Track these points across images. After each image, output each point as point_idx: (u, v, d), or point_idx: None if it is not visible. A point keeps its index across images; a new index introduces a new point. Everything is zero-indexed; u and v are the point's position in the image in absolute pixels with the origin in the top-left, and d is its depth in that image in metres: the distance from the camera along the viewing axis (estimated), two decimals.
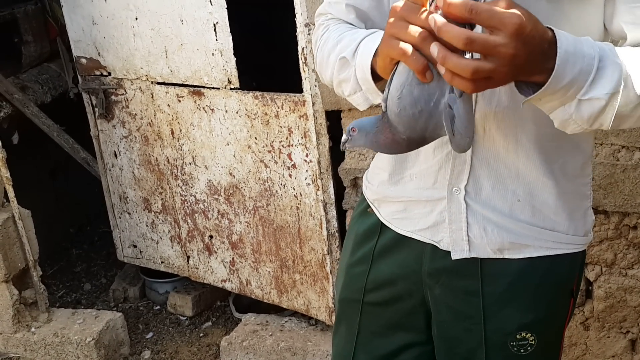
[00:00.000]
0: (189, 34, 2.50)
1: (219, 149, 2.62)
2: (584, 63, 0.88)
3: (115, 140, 2.91)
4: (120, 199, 3.03)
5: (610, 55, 0.90)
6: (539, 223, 1.11)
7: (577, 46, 0.88)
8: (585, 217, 1.16)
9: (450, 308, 1.19)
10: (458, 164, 1.10)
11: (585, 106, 0.90)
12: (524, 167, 1.08)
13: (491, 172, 1.09)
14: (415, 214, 1.18)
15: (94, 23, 2.72)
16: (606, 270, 2.10)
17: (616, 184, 1.98)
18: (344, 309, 1.34)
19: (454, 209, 1.12)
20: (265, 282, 2.75)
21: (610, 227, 2.04)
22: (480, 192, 1.10)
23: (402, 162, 1.17)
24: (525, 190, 1.09)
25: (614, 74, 0.89)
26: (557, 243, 1.13)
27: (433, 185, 1.13)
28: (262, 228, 2.65)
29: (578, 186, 1.14)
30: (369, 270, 1.26)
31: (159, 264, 3.06)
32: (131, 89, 2.76)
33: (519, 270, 1.13)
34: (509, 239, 1.11)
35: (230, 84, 2.49)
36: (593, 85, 0.89)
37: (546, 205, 1.10)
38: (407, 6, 0.88)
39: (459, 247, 1.14)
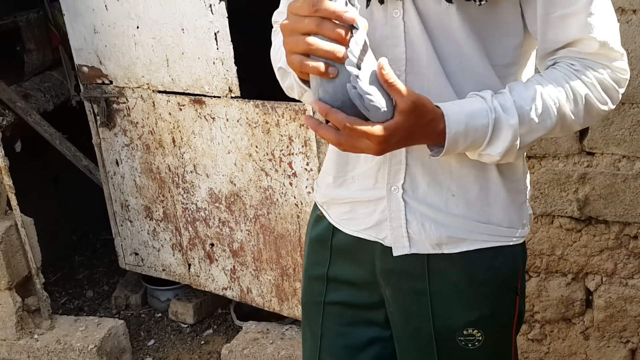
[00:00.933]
0: (190, 43, 2.51)
1: (220, 158, 2.64)
2: (477, 135, 1.01)
3: (117, 148, 2.92)
4: (122, 206, 3.05)
5: (505, 117, 1.01)
6: (474, 216, 1.16)
7: (469, 123, 1.00)
8: (520, 211, 1.20)
9: (401, 308, 1.24)
10: (394, 163, 1.15)
11: (484, 157, 1.06)
12: (456, 163, 1.13)
13: (426, 170, 1.14)
14: (360, 214, 1.22)
15: (96, 32, 2.73)
16: (606, 280, 2.10)
17: (617, 194, 1.99)
18: (308, 313, 1.38)
19: (393, 207, 1.17)
20: (266, 290, 2.76)
21: (610, 237, 2.04)
22: (417, 190, 1.16)
23: (344, 164, 1.22)
24: (458, 185, 1.14)
25: (508, 136, 1.02)
26: (492, 236, 1.17)
27: (374, 186, 1.18)
28: (263, 236, 2.66)
29: (511, 182, 1.18)
30: (327, 272, 1.30)
31: (161, 271, 3.07)
32: (132, 98, 2.78)
33: (463, 270, 1.18)
34: (445, 233, 1.16)
35: (231, 93, 2.50)
36: (488, 146, 1.03)
37: (480, 199, 1.15)
38: (292, 18, 0.95)
39: (400, 244, 1.19)
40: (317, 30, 0.91)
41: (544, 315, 2.21)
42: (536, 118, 1.02)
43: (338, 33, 0.91)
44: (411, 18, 1.04)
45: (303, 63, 0.93)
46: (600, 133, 1.96)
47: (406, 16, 1.05)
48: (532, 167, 2.06)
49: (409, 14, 1.04)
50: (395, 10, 1.05)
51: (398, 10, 1.05)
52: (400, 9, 1.04)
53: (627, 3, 1.81)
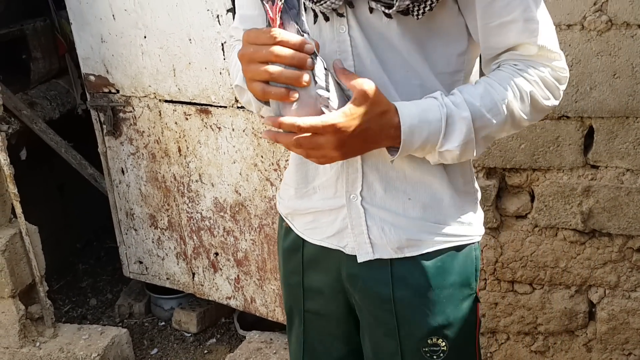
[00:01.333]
0: (197, 53, 2.55)
1: (225, 167, 2.67)
2: (431, 128, 1.07)
3: (123, 157, 2.96)
4: (127, 215, 3.08)
5: (457, 111, 1.07)
6: (430, 218, 1.20)
7: (422, 116, 1.07)
8: (473, 212, 1.26)
9: (370, 312, 1.28)
10: (351, 172, 1.20)
11: (445, 154, 1.10)
12: (410, 169, 1.18)
13: (381, 176, 1.19)
14: (322, 223, 1.27)
15: (103, 41, 2.78)
16: (609, 292, 2.12)
17: (620, 207, 2.02)
18: (291, 317, 1.43)
19: (353, 214, 1.22)
20: (269, 299, 2.78)
21: (614, 250, 2.07)
22: (375, 196, 1.20)
23: (304, 176, 1.27)
24: (413, 189, 1.19)
25: (462, 128, 1.08)
26: (449, 236, 1.22)
27: (334, 195, 1.23)
28: (267, 246, 2.69)
29: (461, 184, 1.23)
30: (302, 280, 1.35)
31: (165, 280, 3.10)
32: (139, 107, 2.82)
33: (424, 273, 1.22)
34: (405, 235, 1.20)
35: (237, 103, 2.54)
36: (445, 141, 1.08)
37: (434, 200, 1.20)
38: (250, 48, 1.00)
39: (364, 250, 1.23)
40: (275, 59, 0.97)
41: (547, 327, 2.24)
42: (487, 113, 1.08)
43: (299, 60, 0.98)
44: (356, 33, 1.11)
45: (265, 90, 1.00)
46: (604, 146, 1.99)
47: (351, 31, 1.11)
48: (536, 180, 2.09)
49: (354, 30, 1.11)
50: (342, 26, 1.11)
51: (344, 27, 1.11)
52: (345, 25, 1.11)
53: (632, 18, 1.84)
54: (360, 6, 1.09)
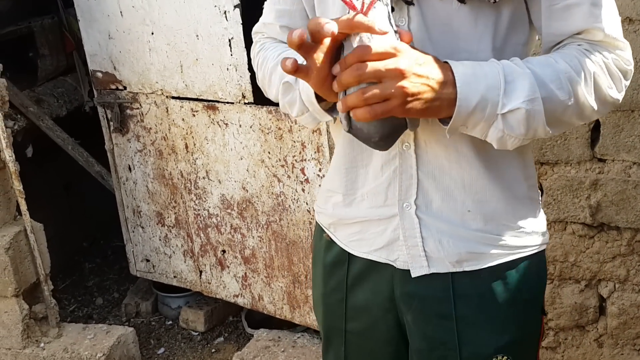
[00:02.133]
0: (204, 49, 2.60)
1: (233, 164, 2.72)
2: (488, 80, 0.98)
3: (130, 154, 3.01)
4: (134, 212, 3.13)
5: (516, 67, 1.00)
6: (492, 230, 1.14)
7: (476, 68, 0.98)
8: (538, 218, 1.20)
9: (424, 335, 1.21)
10: (405, 179, 1.14)
11: (510, 119, 0.99)
12: (469, 177, 1.12)
13: (438, 185, 1.13)
14: (370, 234, 1.20)
15: (110, 37, 2.83)
16: (619, 286, 2.15)
17: (628, 200, 2.05)
18: (329, 336, 1.36)
19: (407, 224, 1.15)
20: (277, 297, 2.82)
21: (622, 244, 2.10)
22: (431, 205, 1.14)
23: (353, 181, 1.21)
24: (474, 200, 1.13)
25: (524, 82, 0.98)
26: (513, 247, 1.16)
27: (384, 203, 1.17)
28: (275, 243, 2.73)
29: (525, 189, 1.17)
30: (345, 298, 1.28)
31: (172, 278, 3.15)
32: (146, 103, 2.87)
33: (489, 289, 1.16)
34: (465, 249, 1.14)
35: (244, 99, 2.59)
36: (506, 97, 0.98)
37: (497, 212, 1.14)
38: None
39: (418, 264, 1.16)
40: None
41: (557, 322, 2.27)
42: (550, 83, 1.00)
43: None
44: (415, 26, 1.06)
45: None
46: (610, 140, 2.02)
47: (411, 24, 1.06)
48: (544, 174, 2.12)
49: (414, 22, 1.06)
50: (401, 18, 1.06)
51: (404, 19, 1.06)
52: (405, 17, 1.06)
53: (635, 13, 1.88)
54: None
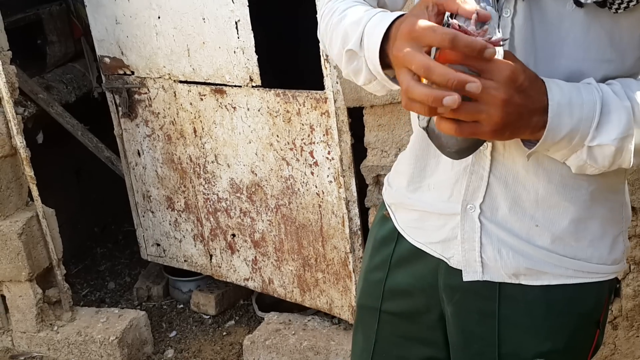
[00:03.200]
0: (211, 32, 2.52)
1: (241, 147, 2.64)
2: (584, 111, 0.87)
3: (139, 139, 2.94)
4: (144, 197, 3.07)
5: (616, 98, 0.89)
6: (559, 250, 1.05)
7: (573, 95, 0.88)
8: (614, 244, 1.08)
9: (463, 330, 1.15)
10: (474, 179, 1.05)
11: (596, 152, 0.90)
12: (544, 190, 1.02)
13: (509, 193, 1.04)
14: (428, 225, 1.14)
15: (117, 22, 2.75)
16: (634, 268, 2.07)
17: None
18: (362, 315, 1.30)
19: (467, 227, 1.07)
20: (287, 280, 2.76)
21: (638, 224, 2.01)
22: (497, 212, 1.05)
23: (421, 169, 1.13)
24: (544, 216, 1.03)
25: (621, 116, 0.88)
26: (578, 272, 1.06)
27: (448, 199, 1.09)
28: (285, 226, 2.66)
29: (608, 211, 1.06)
30: (386, 277, 1.23)
31: (182, 262, 3.09)
32: (154, 88, 2.79)
33: (540, 296, 1.08)
34: (525, 264, 1.05)
35: (252, 82, 2.51)
36: (598, 131, 0.88)
37: (567, 232, 1.04)
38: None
39: (472, 269, 1.09)
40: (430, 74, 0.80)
41: None
42: None
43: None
44: (520, 21, 0.95)
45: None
46: None
47: (516, 18, 0.95)
48: None
49: (519, 17, 0.95)
50: (507, 9, 0.95)
51: (509, 10, 0.95)
52: (511, 9, 0.95)
53: None
54: None
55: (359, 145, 2.36)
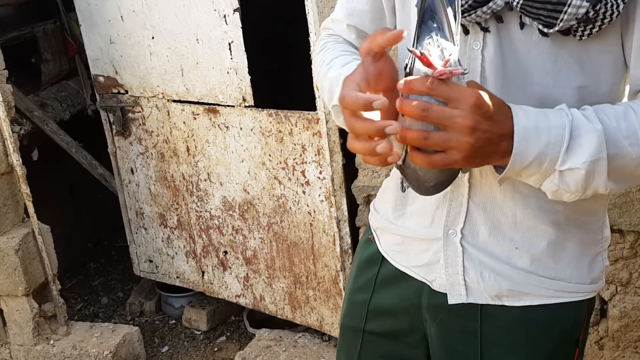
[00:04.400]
0: (205, 53, 2.49)
1: (234, 166, 2.61)
2: (551, 135, 0.85)
3: (132, 156, 2.90)
4: (137, 214, 3.03)
5: (586, 122, 0.86)
6: (539, 271, 1.04)
7: (540, 119, 0.85)
8: (592, 264, 1.07)
9: (446, 348, 1.14)
10: (454, 206, 1.05)
11: (568, 176, 0.87)
12: (522, 214, 1.01)
13: (488, 217, 1.03)
14: (411, 250, 1.13)
15: (112, 42, 2.72)
16: (621, 289, 2.05)
17: (632, 203, 1.94)
18: (345, 336, 1.29)
19: (449, 251, 1.07)
20: (278, 297, 2.72)
21: (625, 247, 1.99)
22: (477, 237, 1.05)
23: (403, 197, 1.13)
24: (523, 239, 1.03)
25: (592, 139, 0.85)
26: (558, 292, 1.05)
27: (430, 225, 1.09)
28: (276, 244, 2.63)
29: (586, 233, 1.06)
30: (370, 298, 1.22)
31: (175, 278, 3.05)
32: (148, 107, 2.76)
33: (520, 316, 1.07)
34: (506, 285, 1.05)
35: (245, 102, 2.48)
36: (568, 155, 0.85)
37: (546, 253, 1.03)
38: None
39: (456, 291, 1.09)
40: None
41: None
42: (624, 139, 0.86)
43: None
44: (490, 53, 0.95)
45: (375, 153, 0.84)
46: None
47: (485, 50, 0.95)
48: None
49: (488, 48, 0.95)
50: (476, 42, 0.96)
51: (478, 43, 0.96)
52: (480, 42, 0.96)
53: None
54: (510, 21, 0.93)
55: (350, 164, 2.33)
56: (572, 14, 0.87)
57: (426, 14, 0.82)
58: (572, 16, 0.87)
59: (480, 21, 0.94)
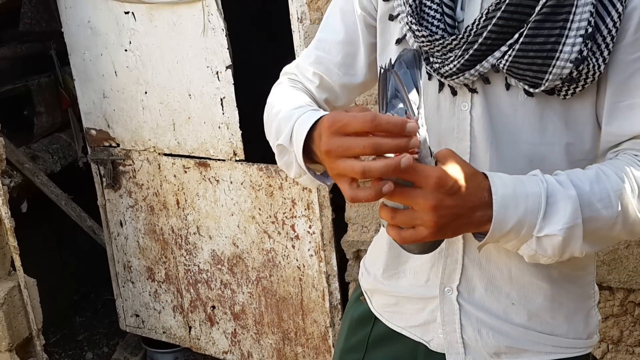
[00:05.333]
0: (197, 108, 2.50)
1: (224, 220, 2.59)
2: (528, 202, 0.86)
3: (122, 209, 2.87)
4: (125, 267, 2.98)
5: (561, 188, 0.87)
6: (536, 327, 1.04)
7: (517, 188, 0.86)
8: (587, 319, 1.08)
9: None
10: (450, 263, 1.04)
11: (545, 242, 0.87)
12: (517, 270, 1.01)
13: (483, 274, 1.03)
14: (406, 310, 1.12)
15: (105, 96, 2.73)
16: (612, 347, 2.02)
17: (620, 260, 1.93)
18: None
19: (446, 309, 1.06)
20: (267, 354, 2.66)
21: (615, 304, 1.97)
22: (473, 293, 1.04)
23: (396, 256, 1.12)
24: (519, 294, 1.02)
25: (567, 206, 0.86)
26: (556, 347, 1.05)
27: (425, 283, 1.08)
28: (265, 299, 2.59)
29: (579, 287, 1.06)
30: (362, 358, 1.19)
31: (161, 334, 2.98)
32: (139, 160, 2.75)
33: None
34: (505, 342, 1.04)
35: (235, 156, 2.48)
36: (545, 221, 0.86)
37: (542, 309, 1.03)
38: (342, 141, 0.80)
39: (454, 350, 1.07)
40: (375, 153, 0.78)
41: None
42: (597, 203, 0.87)
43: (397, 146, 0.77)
44: (478, 113, 0.97)
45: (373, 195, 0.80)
46: None
47: (473, 110, 0.97)
48: None
49: (476, 109, 0.97)
50: (464, 103, 0.97)
51: (467, 104, 0.97)
52: (468, 102, 0.97)
53: None
54: (496, 82, 0.95)
55: (339, 218, 2.32)
56: (557, 74, 0.90)
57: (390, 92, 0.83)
58: (557, 76, 0.90)
59: (467, 83, 0.96)
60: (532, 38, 0.90)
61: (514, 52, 0.91)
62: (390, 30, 1.05)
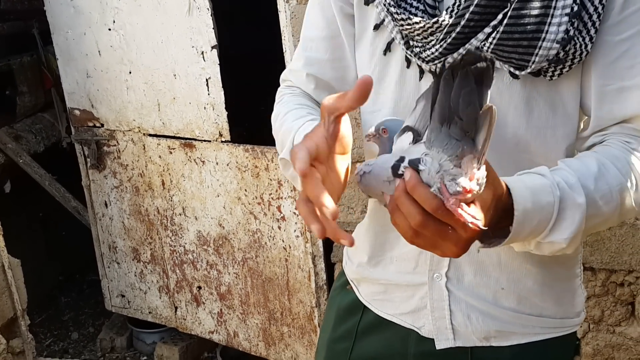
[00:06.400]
0: (182, 88, 2.47)
1: (209, 200, 2.57)
2: (542, 214, 0.83)
3: (106, 190, 2.85)
4: (110, 248, 2.96)
5: (572, 195, 0.84)
6: (525, 310, 1.03)
7: (535, 199, 0.82)
8: (575, 298, 1.08)
9: None
10: None
11: (544, 246, 0.86)
12: (506, 255, 1.00)
13: (472, 259, 1.01)
14: (395, 297, 1.10)
15: (88, 76, 2.69)
16: (594, 327, 2.04)
17: (602, 242, 1.95)
18: None
19: (435, 295, 1.05)
20: (253, 334, 2.66)
21: (597, 284, 1.99)
22: (462, 279, 1.03)
23: (382, 244, 1.10)
24: (508, 279, 1.02)
25: (575, 216, 0.84)
26: (545, 328, 1.05)
27: (414, 270, 1.06)
28: (251, 279, 2.58)
29: (567, 269, 1.05)
30: (352, 347, 1.17)
31: (147, 314, 2.97)
32: (123, 141, 2.72)
33: (509, 356, 1.05)
34: (494, 326, 1.03)
35: (221, 137, 2.46)
36: (553, 230, 0.84)
37: (532, 292, 1.03)
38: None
39: (443, 336, 1.06)
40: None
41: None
42: (599, 200, 0.86)
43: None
44: None
45: None
46: None
47: None
48: None
49: None
50: None
51: None
52: None
53: None
54: None
55: None
56: (544, 55, 0.87)
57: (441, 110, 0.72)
58: (543, 58, 0.88)
59: None
60: (517, 19, 0.87)
61: (498, 34, 0.88)
62: (367, 16, 1.01)
